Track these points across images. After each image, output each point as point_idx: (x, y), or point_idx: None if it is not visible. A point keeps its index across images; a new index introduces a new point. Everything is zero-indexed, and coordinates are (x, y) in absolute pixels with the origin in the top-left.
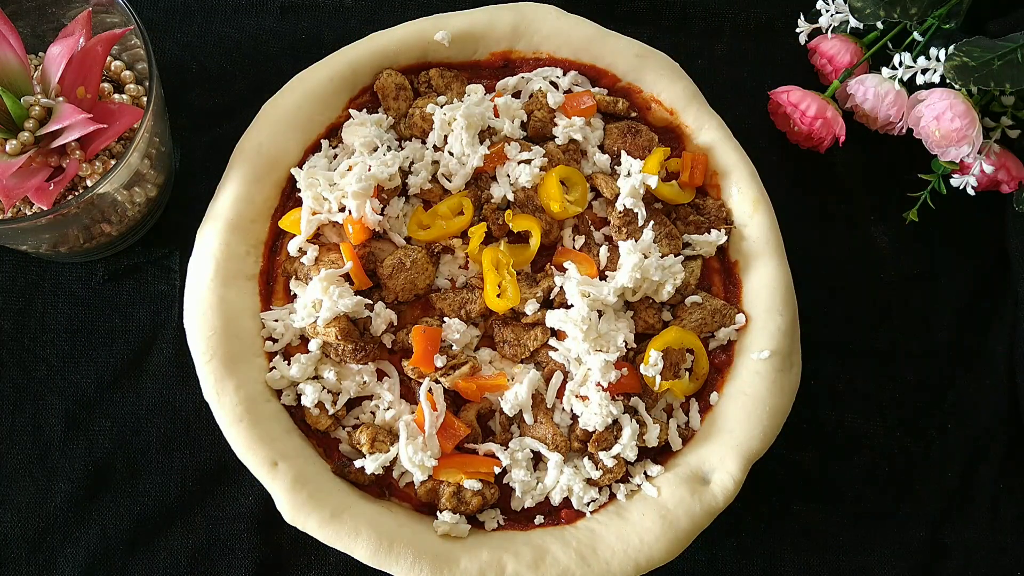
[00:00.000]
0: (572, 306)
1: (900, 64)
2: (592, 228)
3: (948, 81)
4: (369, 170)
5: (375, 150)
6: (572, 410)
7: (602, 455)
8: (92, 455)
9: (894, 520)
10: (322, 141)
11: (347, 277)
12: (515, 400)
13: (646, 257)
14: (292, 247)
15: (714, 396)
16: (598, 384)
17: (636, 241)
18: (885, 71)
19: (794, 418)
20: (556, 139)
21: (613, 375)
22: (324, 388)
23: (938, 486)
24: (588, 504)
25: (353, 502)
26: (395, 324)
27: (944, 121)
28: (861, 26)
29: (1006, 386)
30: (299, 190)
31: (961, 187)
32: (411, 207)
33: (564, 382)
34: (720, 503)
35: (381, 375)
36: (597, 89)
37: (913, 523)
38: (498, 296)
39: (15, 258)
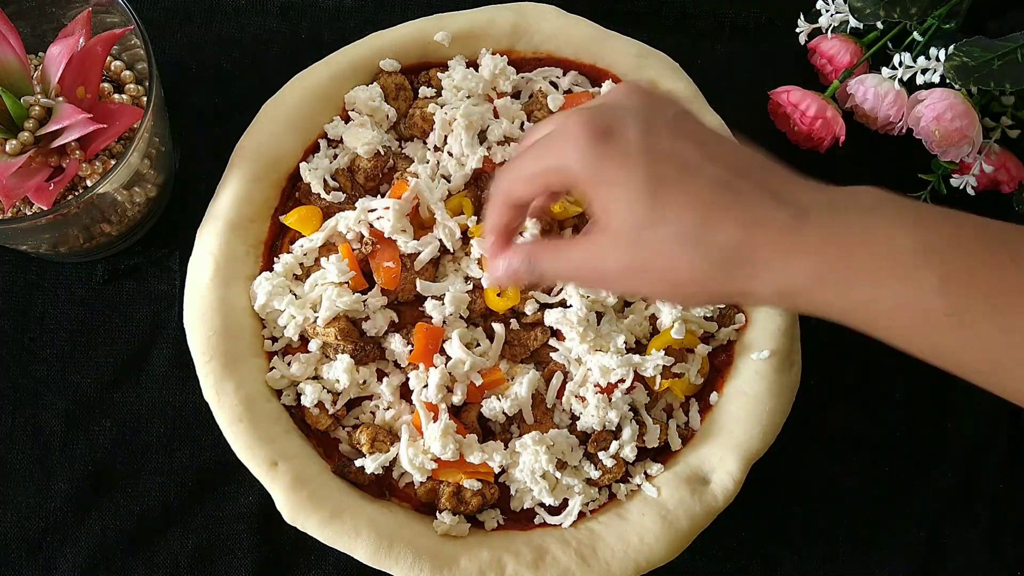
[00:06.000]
0: (571, 306)
1: (900, 64)
2: None
3: (948, 81)
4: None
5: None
6: (572, 410)
7: (601, 455)
8: (92, 455)
9: (894, 520)
10: (321, 141)
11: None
12: (515, 400)
13: None
14: (298, 248)
15: (714, 396)
16: (596, 385)
17: None
18: (885, 71)
19: (794, 418)
20: None
21: (612, 375)
22: (324, 388)
23: (938, 486)
24: (588, 504)
25: (353, 502)
26: (396, 323)
27: (944, 121)
28: (861, 26)
29: None
30: (299, 189)
31: (961, 187)
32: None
33: (564, 382)
34: (720, 503)
35: (381, 375)
36: (597, 89)
37: (913, 523)
38: (498, 296)
39: (15, 258)
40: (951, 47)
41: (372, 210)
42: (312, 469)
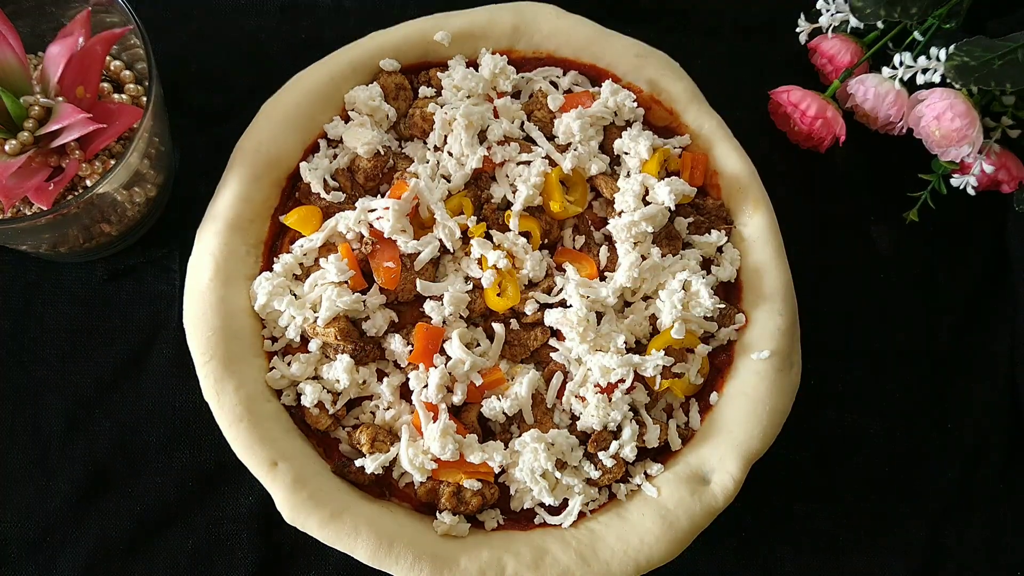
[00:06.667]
0: (571, 306)
1: (900, 64)
2: (592, 228)
3: (948, 81)
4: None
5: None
6: (572, 410)
7: (601, 455)
8: (92, 455)
9: (894, 520)
10: (321, 141)
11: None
12: (515, 400)
13: (644, 258)
14: (298, 248)
15: (714, 396)
16: (596, 385)
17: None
18: (885, 71)
19: (794, 418)
20: (556, 139)
21: (612, 375)
22: (324, 388)
23: (938, 486)
24: (588, 504)
25: (353, 502)
26: (396, 323)
27: (944, 121)
28: (861, 26)
29: (1006, 386)
30: (299, 189)
31: (961, 187)
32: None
33: (564, 382)
34: (720, 503)
35: (381, 375)
36: (597, 89)
37: (913, 523)
38: (498, 296)
39: (15, 258)
40: (951, 47)
41: (372, 210)
42: (312, 469)
